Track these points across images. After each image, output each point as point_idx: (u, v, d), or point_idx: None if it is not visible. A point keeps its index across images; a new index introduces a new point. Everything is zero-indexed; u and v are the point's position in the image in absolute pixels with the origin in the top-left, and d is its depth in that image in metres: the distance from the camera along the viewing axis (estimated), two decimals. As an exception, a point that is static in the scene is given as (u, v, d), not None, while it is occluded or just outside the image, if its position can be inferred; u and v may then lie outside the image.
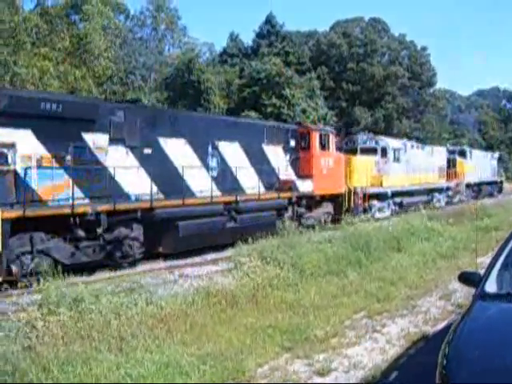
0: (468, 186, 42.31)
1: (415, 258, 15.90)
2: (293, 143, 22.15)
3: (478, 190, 44.98)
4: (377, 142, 29.79)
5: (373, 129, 50.72)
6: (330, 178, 23.28)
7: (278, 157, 21.37)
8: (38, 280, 10.22)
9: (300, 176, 22.14)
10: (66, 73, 32.96)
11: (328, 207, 23.97)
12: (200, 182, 17.59)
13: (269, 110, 46.62)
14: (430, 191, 35.08)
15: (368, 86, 63.16)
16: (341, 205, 24.44)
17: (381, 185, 28.32)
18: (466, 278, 6.40)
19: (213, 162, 18.32)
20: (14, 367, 6.76)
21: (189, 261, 16.57)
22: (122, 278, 12.43)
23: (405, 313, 10.53)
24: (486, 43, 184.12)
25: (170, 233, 15.99)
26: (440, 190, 36.90)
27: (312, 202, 22.72)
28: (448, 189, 38.32)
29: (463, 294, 11.16)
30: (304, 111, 49.36)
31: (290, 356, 8.12)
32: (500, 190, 52.72)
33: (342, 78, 62.63)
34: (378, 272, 13.84)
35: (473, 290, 5.95)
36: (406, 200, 30.38)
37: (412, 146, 33.40)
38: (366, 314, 10.41)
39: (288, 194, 21.03)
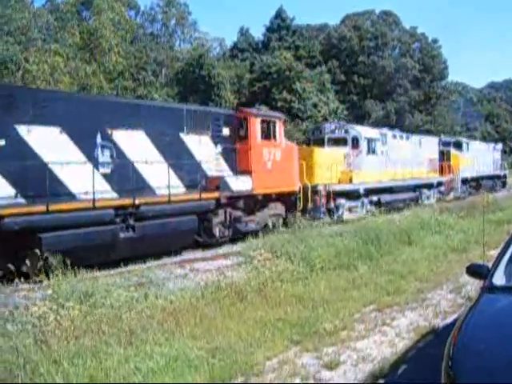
0: (464, 181, 39.33)
1: (426, 251, 15.86)
2: (227, 132, 18.54)
3: (476, 185, 41.91)
4: (347, 131, 26.19)
5: (384, 122, 50.52)
6: (278, 173, 19.66)
7: (204, 149, 17.69)
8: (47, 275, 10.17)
9: (238, 172, 18.69)
10: (77, 69, 33.09)
11: (277, 209, 20.55)
12: (81, 182, 13.82)
13: (279, 104, 46.62)
14: (418, 187, 31.79)
15: (379, 79, 62.91)
16: (295, 205, 21.02)
17: (350, 181, 24.84)
18: (474, 271, 6.37)
19: (103, 156, 14.76)
20: (26, 360, 6.84)
21: (200, 255, 16.67)
22: (132, 272, 12.52)
23: (415, 306, 10.50)
24: (499, 35, 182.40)
25: (30, 249, 11.44)
26: (430, 186, 33.69)
27: (253, 202, 19.26)
28: (440, 184, 35.11)
29: (474, 287, 11.09)
30: (315, 105, 49.34)
31: (298, 349, 8.14)
32: (504, 185, 49.34)
33: (352, 71, 62.42)
34: (389, 265, 13.81)
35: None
36: (386, 198, 27.04)
37: (394, 136, 30.05)
38: (375, 307, 10.40)
39: (214, 195, 17.34)
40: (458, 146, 39.84)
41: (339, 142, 25.60)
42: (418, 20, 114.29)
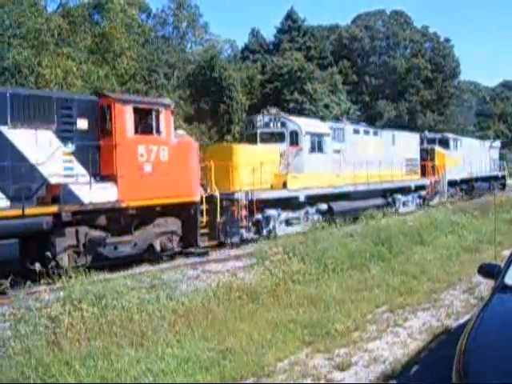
0: (453, 183, 35.07)
1: (438, 251, 15.77)
2: (84, 124, 13.97)
3: (468, 187, 37.52)
4: (284, 125, 21.35)
5: (396, 122, 50.36)
6: (165, 178, 15.06)
7: (43, 147, 13.17)
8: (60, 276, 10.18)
9: (102, 177, 14.24)
10: (90, 72, 33.23)
11: (168, 225, 15.89)
12: None
13: (291, 105, 46.57)
14: (390, 192, 27.49)
15: (391, 79, 62.71)
16: (195, 221, 16.26)
17: (284, 186, 20.16)
18: (486, 271, 6.34)
19: None
20: (38, 361, 6.89)
21: (213, 257, 16.70)
22: (144, 274, 12.56)
23: (427, 306, 10.45)
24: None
25: None
26: (407, 191, 29.27)
27: (125, 218, 14.67)
28: (422, 188, 30.85)
29: (487, 287, 11.02)
30: (327, 106, 49.24)
31: (310, 350, 8.12)
32: (503, 187, 44.29)
33: (364, 71, 62.27)
34: (401, 266, 13.74)
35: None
36: (341, 206, 22.64)
37: (356, 131, 25.72)
38: (387, 308, 10.36)
39: (50, 209, 12.75)
40: (445, 143, 35.20)
41: (275, 137, 21.19)
42: (430, 19, 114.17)
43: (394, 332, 8.98)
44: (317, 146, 22.07)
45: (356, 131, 25.66)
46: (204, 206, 16.44)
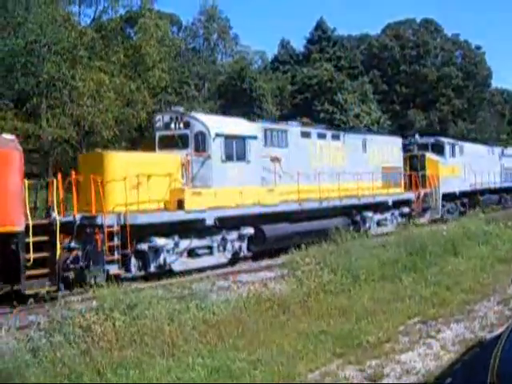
0: (452, 196, 29.53)
1: (472, 262, 15.56)
2: None
3: (470, 201, 31.60)
4: (188, 125, 16.61)
5: (427, 131, 49.89)
6: None
7: None
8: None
9: None
10: (122, 85, 33.70)
11: None
12: None
13: (321, 115, 46.49)
14: (357, 210, 22.32)
15: (422, 88, 62.13)
16: (18, 259, 11.35)
17: (180, 205, 15.15)
18: (521, 282, 6.16)
19: None
20: (71, 370, 6.98)
21: (243, 267, 16.72)
22: (175, 284, 12.63)
23: (460, 318, 10.29)
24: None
25: None
26: (383, 207, 23.96)
27: None
28: (406, 203, 25.63)
29: (522, 298, 10.85)
30: (357, 116, 49.02)
31: (341, 362, 8.06)
32: None
33: (394, 80, 61.82)
34: (434, 277, 13.58)
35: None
36: (277, 230, 17.99)
37: (306, 134, 20.64)
38: (420, 319, 10.24)
39: None
40: (439, 149, 29.36)
41: (177, 141, 16.60)
42: (461, 26, 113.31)
43: (427, 343, 8.86)
44: (235, 153, 16.99)
45: (305, 134, 20.66)
46: (31, 238, 11.37)
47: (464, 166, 30.61)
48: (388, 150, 25.35)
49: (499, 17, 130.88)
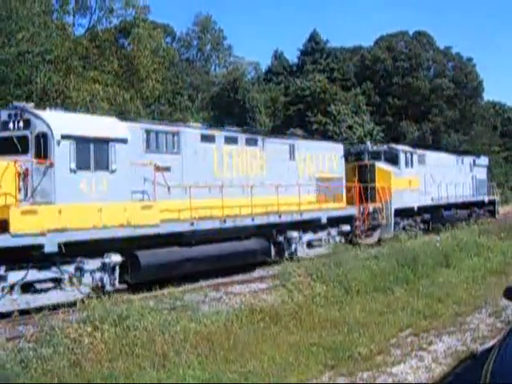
0: (404, 212, 25.71)
1: (464, 273, 15.57)
2: None
3: (433, 217, 28.21)
4: (28, 125, 13.11)
5: (420, 142, 50.11)
6: None
7: None
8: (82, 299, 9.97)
9: None
10: (115, 95, 33.71)
11: None
12: None
13: (314, 126, 46.66)
14: (278, 229, 19.00)
15: (414, 99, 62.49)
16: None
17: (4, 227, 11.66)
18: (512, 294, 6.16)
19: None
20: (60, 381, 6.91)
21: (236, 278, 16.67)
22: (167, 295, 12.57)
23: (452, 330, 10.28)
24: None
25: None
26: (314, 225, 20.51)
27: None
28: (347, 220, 22.07)
29: (514, 310, 10.85)
30: (350, 127, 49.24)
31: (332, 374, 8.03)
32: (492, 214, 35.05)
33: (387, 92, 62.16)
34: (426, 288, 13.58)
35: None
36: (159, 257, 14.69)
37: (208, 139, 17.25)
38: (412, 331, 10.22)
39: None
40: (393, 157, 26.01)
41: (15, 145, 12.99)
42: (453, 39, 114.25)
43: (419, 356, 8.84)
44: (94, 160, 13.47)
45: (207, 138, 17.26)
46: None
47: (425, 177, 27.45)
48: (325, 157, 21.91)
49: (491, 30, 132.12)
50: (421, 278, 14.77)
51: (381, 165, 25.14)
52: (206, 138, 17.23)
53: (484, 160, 36.83)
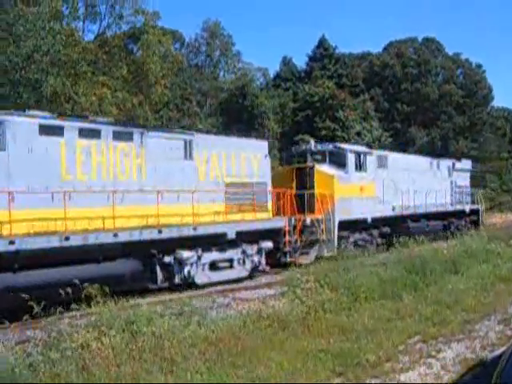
0: (355, 224, 21.62)
1: (473, 280, 15.46)
2: None
3: (393, 230, 23.28)
4: None
5: (428, 149, 50.02)
6: None
7: None
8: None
9: None
10: (124, 100, 33.89)
11: None
12: None
13: (323, 132, 46.61)
14: (165, 247, 14.98)
15: (423, 106, 62.41)
16: None
17: None
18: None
19: None
20: (68, 385, 6.94)
21: (243, 284, 16.66)
22: (175, 301, 12.58)
23: (461, 337, 10.21)
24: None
25: None
26: (222, 242, 16.54)
27: None
28: (275, 235, 18.17)
29: (523, 318, 10.79)
30: (358, 133, 49.16)
31: (340, 380, 8.00)
32: (475, 225, 30.66)
33: (396, 98, 62.12)
34: (434, 295, 13.51)
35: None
36: None
37: (54, 130, 13.50)
38: (420, 338, 10.16)
39: None
40: (339, 159, 21.71)
41: None
42: (462, 45, 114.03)
43: (427, 363, 8.79)
44: None
45: (51, 130, 13.48)
46: None
47: (384, 182, 23.32)
48: (241, 157, 17.80)
49: (500, 37, 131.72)
50: (429, 285, 14.71)
51: (322, 168, 21.08)
52: (48, 130, 13.37)
53: (466, 164, 32.81)
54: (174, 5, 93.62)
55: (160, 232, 14.60)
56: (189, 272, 15.47)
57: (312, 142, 23.33)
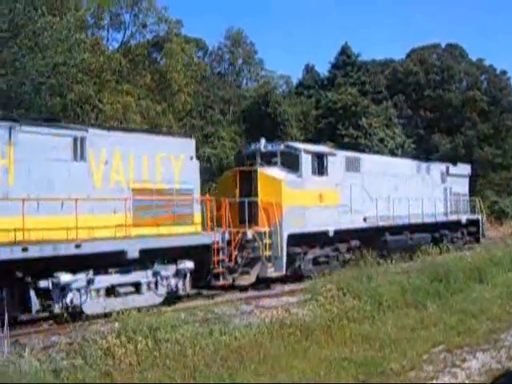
0: (311, 238, 18.07)
1: (498, 289, 15.29)
2: None
3: (370, 245, 19.22)
4: None
5: (452, 155, 49.55)
6: None
7: None
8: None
9: None
10: (148, 108, 34.18)
11: None
12: None
13: (346, 140, 46.46)
14: (32, 270, 11.45)
15: (446, 112, 61.85)
16: None
17: None
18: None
19: None
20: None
21: (266, 292, 16.62)
22: (198, 308, 12.63)
23: (486, 347, 10.08)
24: None
25: None
26: (123, 263, 13.04)
27: None
28: (194, 253, 14.62)
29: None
30: (382, 140, 48.89)
31: (364, 389, 7.96)
32: (477, 239, 27.78)
33: (419, 105, 61.67)
34: (459, 304, 13.38)
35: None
36: None
37: None
38: (444, 347, 10.06)
39: None
40: (292, 161, 18.32)
41: None
42: (486, 51, 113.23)
43: (452, 373, 8.70)
44: None
45: None
46: None
47: (351, 188, 19.83)
48: (155, 158, 14.42)
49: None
50: (453, 294, 14.58)
51: (268, 171, 17.74)
52: None
53: (463, 168, 29.17)
54: (197, 13, 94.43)
55: (25, 250, 11.04)
56: (71, 300, 11.89)
57: (262, 141, 19.06)
